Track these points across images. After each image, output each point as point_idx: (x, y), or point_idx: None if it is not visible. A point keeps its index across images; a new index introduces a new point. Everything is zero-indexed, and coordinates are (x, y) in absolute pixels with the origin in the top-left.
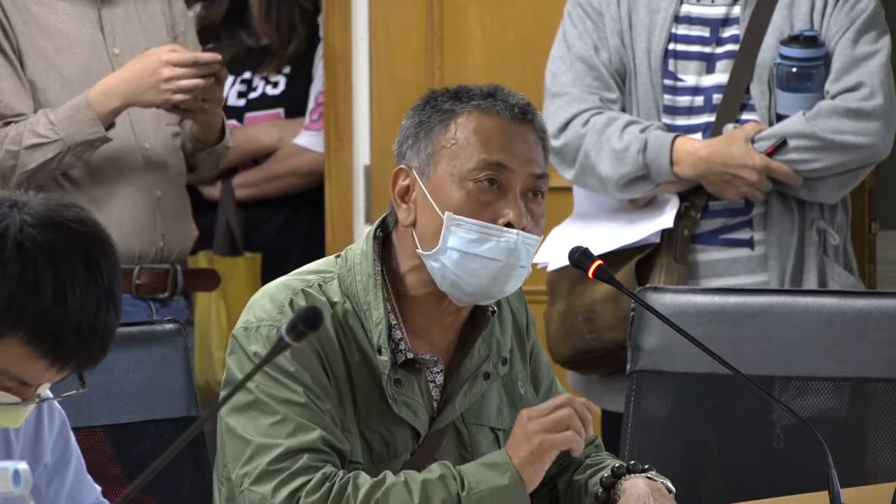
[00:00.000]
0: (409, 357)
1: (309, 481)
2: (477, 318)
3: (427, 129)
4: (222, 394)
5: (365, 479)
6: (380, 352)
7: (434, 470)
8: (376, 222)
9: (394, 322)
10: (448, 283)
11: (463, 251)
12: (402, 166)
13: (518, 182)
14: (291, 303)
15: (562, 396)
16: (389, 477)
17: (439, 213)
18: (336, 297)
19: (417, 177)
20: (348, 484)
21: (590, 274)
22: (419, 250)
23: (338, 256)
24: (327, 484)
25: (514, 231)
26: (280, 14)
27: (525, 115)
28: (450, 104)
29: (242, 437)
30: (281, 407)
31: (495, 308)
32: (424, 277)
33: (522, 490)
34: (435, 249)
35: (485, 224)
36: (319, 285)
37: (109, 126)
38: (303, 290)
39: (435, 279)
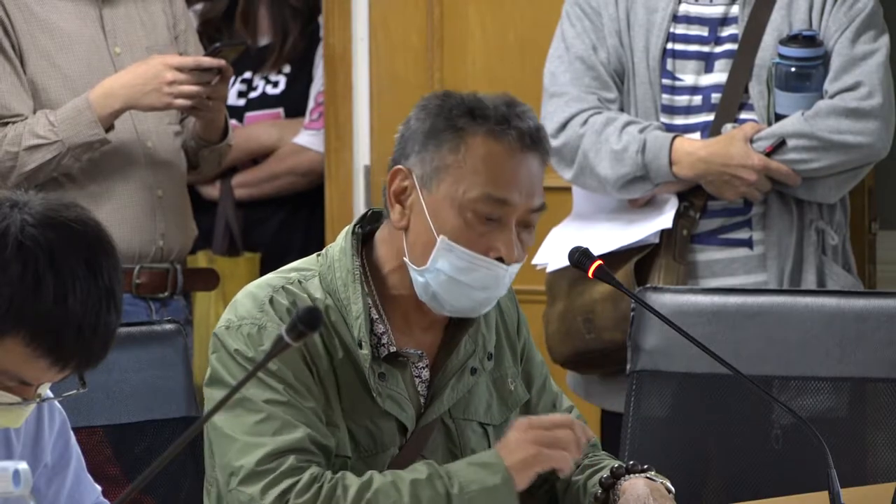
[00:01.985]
0: (392, 351)
1: (297, 482)
2: None
3: (437, 142)
4: (206, 392)
5: (352, 480)
6: (360, 346)
7: (420, 470)
8: (356, 219)
9: (376, 316)
10: (428, 297)
11: (451, 276)
12: (403, 168)
13: (516, 215)
14: (272, 300)
15: (566, 417)
16: (376, 477)
17: (434, 232)
18: (317, 294)
19: (418, 185)
20: (337, 485)
21: (590, 274)
22: (406, 258)
23: (318, 255)
24: (316, 486)
25: (505, 266)
26: (275, 14)
27: (535, 143)
28: (463, 121)
29: (228, 436)
30: (265, 406)
31: None
32: (406, 282)
33: (513, 491)
34: (423, 267)
35: (477, 256)
36: (299, 282)
37: (109, 128)
38: (283, 287)
39: (416, 290)
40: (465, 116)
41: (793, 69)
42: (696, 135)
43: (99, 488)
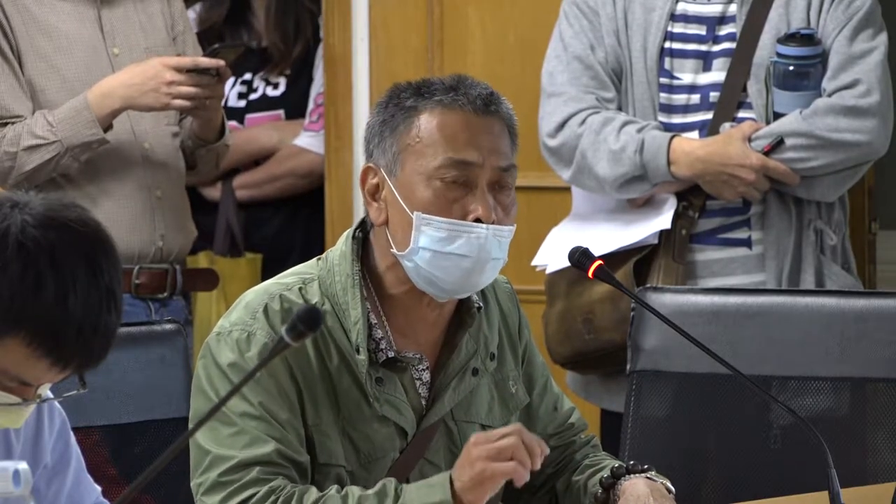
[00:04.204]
0: (390, 356)
1: (256, 494)
2: (463, 314)
3: (392, 128)
4: (192, 400)
5: (311, 494)
6: (357, 351)
7: (376, 486)
8: (356, 223)
9: (374, 321)
10: (424, 281)
11: (434, 250)
12: (371, 165)
13: (484, 176)
14: (266, 308)
15: (512, 426)
16: (332, 491)
17: (408, 212)
18: (315, 299)
19: (385, 176)
20: (293, 498)
21: (590, 274)
22: (393, 250)
23: (319, 259)
24: (272, 497)
25: (484, 226)
26: (287, 20)
27: (488, 107)
28: (412, 101)
29: (202, 447)
30: (238, 419)
31: (481, 304)
32: (401, 275)
33: None
34: (407, 249)
35: (454, 222)
36: (299, 288)
37: (108, 128)
38: (280, 294)
39: (411, 277)
40: (414, 96)
41: (791, 68)
42: (695, 133)
43: (99, 488)
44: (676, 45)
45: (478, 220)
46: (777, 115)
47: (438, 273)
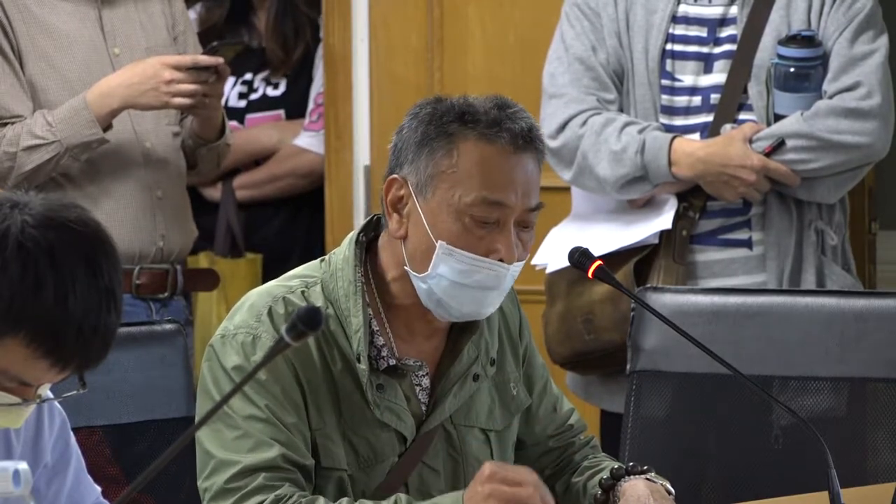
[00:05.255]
0: (391, 364)
1: (263, 501)
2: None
3: (430, 150)
4: (198, 403)
5: None
6: (359, 360)
7: (388, 502)
8: (359, 226)
9: (376, 328)
10: (433, 304)
11: (453, 280)
12: (398, 177)
13: (514, 216)
14: (270, 311)
15: (531, 476)
16: None
17: (432, 238)
18: (318, 303)
19: (414, 194)
20: None
21: (590, 274)
22: (407, 267)
23: (322, 260)
24: None
25: (506, 266)
26: (286, 26)
27: (528, 143)
28: (454, 126)
29: (207, 451)
30: (244, 422)
31: None
32: (409, 289)
33: None
34: (424, 274)
35: (477, 258)
36: (302, 291)
37: (107, 127)
38: (283, 297)
39: (420, 297)
40: (456, 122)
41: (792, 69)
42: (696, 135)
43: (98, 489)
44: (678, 47)
45: (500, 260)
46: (778, 117)
47: (451, 301)
